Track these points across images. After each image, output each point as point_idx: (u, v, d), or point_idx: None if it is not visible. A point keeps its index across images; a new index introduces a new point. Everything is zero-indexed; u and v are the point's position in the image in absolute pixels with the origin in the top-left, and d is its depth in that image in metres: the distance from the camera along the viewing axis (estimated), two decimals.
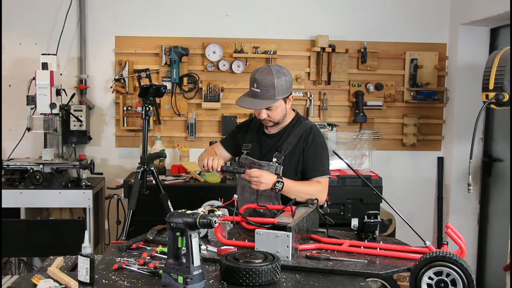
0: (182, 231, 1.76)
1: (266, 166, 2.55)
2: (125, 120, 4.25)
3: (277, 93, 2.46)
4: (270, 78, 2.44)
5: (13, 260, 4.03)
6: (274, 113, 2.52)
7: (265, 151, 2.62)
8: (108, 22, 4.22)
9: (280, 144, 2.58)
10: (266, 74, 2.45)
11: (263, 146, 2.64)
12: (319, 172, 2.55)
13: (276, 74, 2.46)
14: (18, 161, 3.80)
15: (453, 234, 2.03)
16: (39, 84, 3.63)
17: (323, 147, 2.61)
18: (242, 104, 2.53)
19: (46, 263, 2.14)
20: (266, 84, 2.44)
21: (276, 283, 1.83)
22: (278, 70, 2.48)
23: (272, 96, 2.46)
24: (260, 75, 2.46)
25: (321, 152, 2.59)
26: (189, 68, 4.25)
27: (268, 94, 2.45)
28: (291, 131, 2.60)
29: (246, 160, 2.64)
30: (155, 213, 3.47)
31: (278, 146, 2.58)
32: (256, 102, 2.47)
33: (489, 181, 4.24)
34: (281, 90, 2.47)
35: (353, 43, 4.32)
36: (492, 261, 4.20)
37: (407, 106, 4.41)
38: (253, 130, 2.71)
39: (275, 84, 2.44)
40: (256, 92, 2.47)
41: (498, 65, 2.73)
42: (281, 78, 2.47)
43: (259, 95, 2.46)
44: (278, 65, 2.54)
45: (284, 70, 2.52)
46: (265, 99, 2.46)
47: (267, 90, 2.45)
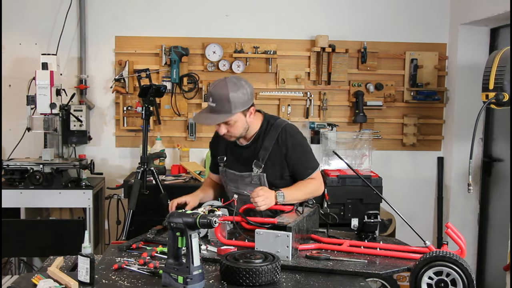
0: (182, 231, 1.76)
1: (249, 177, 2.52)
2: (125, 120, 4.25)
3: (234, 106, 2.33)
4: (225, 92, 2.32)
5: (13, 260, 4.03)
6: (233, 128, 2.41)
7: (243, 163, 2.55)
8: (108, 22, 4.22)
9: (257, 153, 2.51)
10: (221, 88, 2.34)
11: (239, 158, 2.56)
12: (310, 170, 2.53)
13: (231, 87, 2.33)
14: (18, 161, 3.80)
15: (453, 234, 2.03)
16: (39, 84, 3.63)
17: (303, 144, 2.56)
18: (198, 120, 2.51)
19: (46, 263, 2.14)
20: (221, 97, 2.33)
21: (276, 283, 1.83)
22: (235, 82, 2.36)
23: (228, 110, 2.33)
24: (215, 88, 2.36)
25: (304, 149, 2.55)
26: (189, 68, 4.25)
27: (224, 108, 2.33)
28: (264, 137, 2.51)
29: (226, 173, 2.60)
30: (155, 213, 3.47)
31: (255, 155, 2.51)
32: (212, 117, 2.37)
33: (489, 181, 4.24)
34: (239, 104, 2.34)
35: (353, 43, 4.32)
36: (492, 261, 4.20)
37: (407, 106, 4.41)
38: (224, 142, 2.59)
39: (230, 98, 2.32)
40: (212, 106, 2.36)
41: (498, 65, 2.73)
42: (238, 91, 2.34)
43: (215, 110, 2.35)
44: (235, 77, 2.41)
45: (242, 82, 2.39)
46: (221, 113, 2.34)
47: (222, 104, 2.33)
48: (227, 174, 2.60)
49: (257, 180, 2.50)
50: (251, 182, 2.52)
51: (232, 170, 2.58)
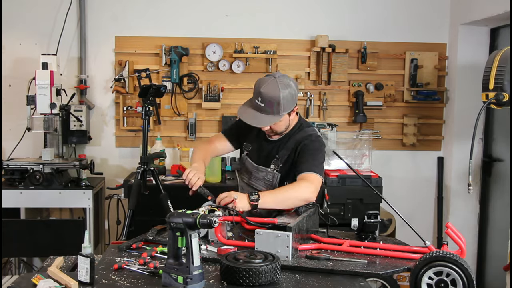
0: (182, 231, 1.76)
1: (264, 172, 2.52)
2: (125, 120, 4.25)
3: (282, 108, 2.34)
4: (276, 93, 2.30)
5: (13, 260, 4.03)
6: (277, 126, 2.43)
7: (264, 156, 2.54)
8: (108, 22, 4.22)
9: (279, 151, 2.49)
10: (272, 89, 2.31)
11: (262, 150, 2.56)
12: (306, 168, 2.37)
13: (282, 87, 2.32)
14: (18, 161, 3.80)
15: (453, 234, 2.03)
16: (39, 84, 3.63)
17: (318, 151, 2.45)
18: (245, 118, 2.40)
19: (46, 263, 2.14)
20: (272, 99, 2.31)
21: (276, 283, 1.83)
22: (285, 83, 2.34)
23: (277, 112, 2.34)
24: (266, 88, 2.32)
25: (314, 153, 2.43)
26: (189, 68, 4.25)
27: (272, 109, 2.33)
28: (292, 137, 2.51)
29: (246, 161, 2.61)
30: (155, 213, 3.47)
31: (276, 153, 2.50)
32: (260, 118, 2.35)
33: (489, 181, 4.24)
34: (287, 105, 2.34)
35: (353, 43, 4.32)
36: (492, 261, 4.20)
37: (407, 106, 4.41)
38: (254, 131, 2.58)
39: (281, 100, 2.31)
40: (260, 106, 2.33)
41: (498, 65, 2.73)
42: (286, 91, 2.33)
43: (263, 110, 2.33)
44: (284, 76, 2.38)
45: (290, 81, 2.37)
46: (269, 114, 2.33)
47: (272, 106, 2.32)
48: (245, 163, 2.59)
49: (271, 177, 2.50)
50: (264, 178, 2.52)
51: (251, 161, 2.57)
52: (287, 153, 2.49)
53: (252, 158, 2.58)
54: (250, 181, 2.58)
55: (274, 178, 2.49)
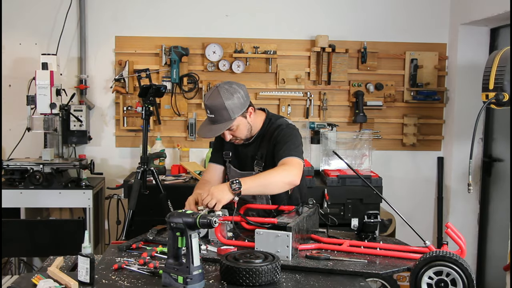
0: (182, 231, 1.76)
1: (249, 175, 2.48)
2: (125, 120, 4.25)
3: (232, 113, 2.38)
4: (220, 101, 2.36)
5: (13, 260, 4.03)
6: (237, 132, 2.46)
7: (244, 161, 2.57)
8: (108, 22, 4.22)
9: (257, 151, 2.52)
10: (215, 98, 2.37)
11: (241, 156, 2.59)
12: (285, 154, 2.38)
13: (224, 95, 2.36)
14: (18, 161, 3.80)
15: (453, 234, 2.03)
16: (39, 84, 3.63)
17: (291, 136, 2.46)
18: (202, 134, 2.49)
19: (46, 263, 2.14)
20: (218, 107, 2.36)
21: (276, 283, 1.83)
22: (227, 89, 2.39)
23: (228, 118, 2.38)
24: (209, 100, 2.39)
25: (288, 139, 2.44)
26: (189, 68, 4.25)
27: (223, 117, 2.38)
28: (265, 136, 2.53)
29: (231, 170, 2.61)
30: (155, 213, 3.47)
31: (255, 154, 2.52)
32: (214, 129, 2.41)
33: (489, 181, 4.24)
34: (235, 108, 2.38)
35: (353, 43, 4.32)
36: (492, 261, 4.20)
37: (407, 106, 4.41)
38: None
39: (226, 106, 2.36)
40: (211, 118, 2.41)
41: (498, 65, 2.73)
42: (232, 97, 2.37)
43: (215, 120, 2.40)
44: (226, 83, 2.43)
45: (233, 86, 2.42)
46: (222, 122, 2.39)
47: (220, 114, 2.37)
48: (230, 171, 2.62)
49: None
50: None
51: (234, 168, 2.60)
52: (265, 151, 2.50)
53: (235, 165, 2.61)
54: None
55: None
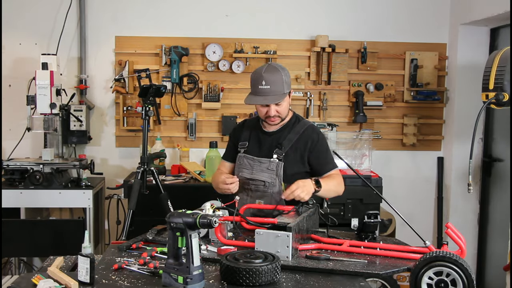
0: (182, 231, 1.76)
1: (267, 162, 2.58)
2: (125, 120, 4.25)
3: (285, 87, 2.54)
4: (278, 74, 2.51)
5: (13, 260, 4.03)
6: (281, 108, 2.57)
7: (265, 148, 2.64)
8: (108, 22, 4.22)
9: (281, 141, 2.61)
10: (273, 71, 2.52)
11: (263, 143, 2.66)
12: (331, 166, 2.65)
13: (281, 70, 2.54)
14: (18, 161, 3.80)
15: (453, 234, 2.03)
16: (39, 84, 3.63)
17: (326, 143, 2.71)
18: (255, 101, 2.55)
19: (46, 263, 2.14)
20: (275, 80, 2.50)
21: (276, 283, 1.83)
22: (281, 67, 2.57)
23: (282, 91, 2.52)
24: (267, 72, 2.51)
25: (327, 147, 2.68)
26: (189, 68, 4.25)
27: (278, 89, 2.51)
28: (291, 129, 2.64)
29: (244, 158, 2.64)
30: (155, 213, 3.47)
31: (278, 143, 2.60)
32: (269, 98, 2.51)
33: (489, 181, 4.24)
34: (287, 84, 2.55)
35: (353, 43, 4.32)
36: (492, 261, 4.20)
37: (407, 106, 4.41)
38: (249, 129, 2.73)
39: (283, 77, 2.52)
40: (265, 89, 2.50)
41: (498, 65, 2.73)
42: (286, 74, 2.56)
43: (270, 92, 2.50)
44: (275, 63, 2.62)
45: (282, 66, 2.61)
46: (276, 94, 2.51)
47: (276, 86, 2.50)
48: (244, 160, 2.65)
49: (274, 167, 2.56)
50: (267, 169, 2.57)
51: (251, 155, 2.64)
52: (290, 143, 2.60)
53: (253, 153, 2.65)
54: (252, 175, 2.61)
55: (278, 168, 2.56)
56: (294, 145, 2.60)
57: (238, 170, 2.67)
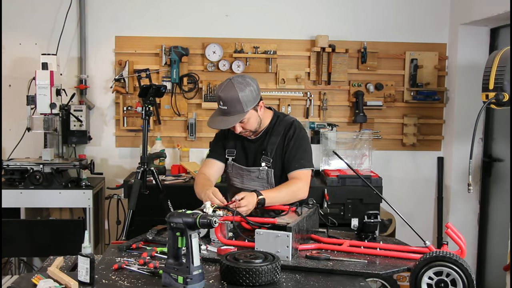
0: (182, 231, 1.76)
1: (256, 171, 2.54)
2: (125, 120, 4.25)
3: (245, 105, 2.42)
4: (234, 93, 2.40)
5: (13, 260, 4.03)
6: (248, 124, 2.49)
7: (251, 156, 2.59)
8: (108, 22, 4.22)
9: (265, 147, 2.54)
10: (229, 90, 2.41)
11: (248, 151, 2.60)
12: (298, 165, 2.50)
13: (238, 87, 2.41)
14: (18, 161, 3.80)
15: (453, 234, 2.03)
16: (39, 84, 3.63)
17: (304, 140, 2.56)
18: (213, 125, 2.50)
19: (46, 263, 2.14)
20: (232, 99, 2.40)
21: (276, 283, 1.83)
22: (240, 82, 2.43)
23: (241, 110, 2.42)
24: (224, 92, 2.42)
25: (301, 144, 2.53)
26: (189, 68, 4.25)
27: (236, 109, 2.41)
28: (273, 131, 2.57)
29: (233, 167, 2.62)
30: (155, 213, 3.47)
31: (263, 149, 2.54)
32: (227, 120, 2.44)
33: (489, 181, 4.24)
34: (248, 101, 2.43)
35: (353, 43, 4.32)
36: (492, 261, 4.20)
37: (407, 106, 4.41)
38: (233, 136, 2.62)
39: (240, 98, 2.40)
40: (224, 109, 2.43)
41: (498, 65, 2.72)
42: (245, 89, 2.42)
43: (228, 112, 2.43)
44: (240, 76, 2.48)
45: (247, 79, 2.46)
46: (234, 114, 2.42)
47: (234, 106, 2.40)
48: (234, 168, 2.62)
49: (264, 175, 2.53)
50: (258, 177, 2.54)
51: (239, 164, 2.59)
52: (274, 146, 2.53)
53: (240, 162, 2.60)
54: (243, 184, 2.59)
55: (269, 175, 2.53)
56: (278, 147, 2.54)
57: (229, 179, 2.65)
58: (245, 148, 2.61)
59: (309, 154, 2.56)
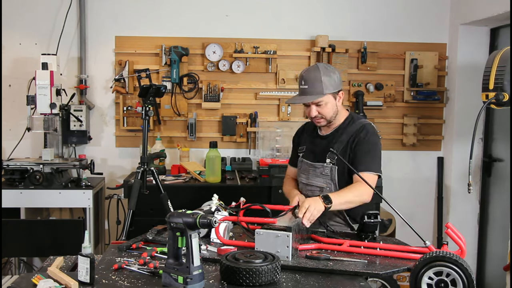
0: (182, 231, 1.76)
1: (321, 167, 2.56)
2: (125, 120, 4.25)
3: (325, 87, 2.48)
4: (317, 74, 2.49)
5: (13, 260, 4.03)
6: (324, 110, 2.52)
7: (319, 153, 2.60)
8: (108, 22, 4.22)
9: (333, 144, 2.55)
10: (312, 71, 2.51)
11: (317, 147, 2.63)
12: (363, 167, 2.47)
13: (322, 70, 2.50)
14: (18, 161, 3.80)
15: (453, 234, 2.03)
16: (39, 84, 3.63)
17: (374, 145, 2.54)
18: (292, 101, 2.60)
19: (46, 263, 2.14)
20: (314, 79, 2.49)
21: (276, 283, 1.83)
22: (325, 67, 2.53)
23: (320, 91, 2.48)
24: (307, 72, 2.53)
25: (371, 149, 2.52)
26: (189, 68, 4.25)
27: (316, 89, 2.48)
28: (344, 131, 2.57)
29: (302, 163, 2.66)
30: (155, 213, 3.47)
31: (331, 146, 2.55)
32: (304, 97, 2.52)
33: (489, 181, 4.24)
34: (329, 85, 2.49)
35: (353, 43, 4.32)
36: (492, 261, 4.20)
37: (407, 106, 4.41)
38: (307, 132, 2.75)
39: (322, 79, 2.48)
40: (304, 88, 2.51)
41: (498, 65, 2.72)
42: (328, 74, 2.50)
43: (307, 91, 2.50)
44: (326, 64, 2.59)
45: (331, 67, 2.56)
46: (312, 94, 2.49)
47: (314, 85, 2.48)
48: (302, 164, 2.67)
49: (328, 171, 2.54)
50: (322, 173, 2.56)
51: (307, 160, 2.64)
52: (342, 145, 2.54)
53: (308, 158, 2.65)
54: (308, 180, 2.62)
55: (332, 172, 2.53)
56: (346, 148, 2.53)
57: (298, 175, 2.70)
58: (315, 144, 2.66)
59: (378, 160, 2.54)
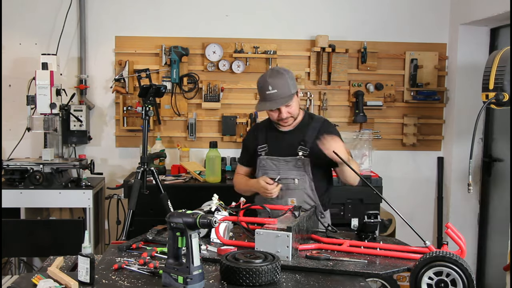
0: (182, 231, 1.76)
1: (293, 160, 2.64)
2: (125, 120, 4.25)
3: (291, 88, 2.60)
4: (282, 77, 2.59)
5: (13, 260, 4.03)
6: (292, 109, 2.63)
7: (286, 148, 2.68)
8: (108, 22, 4.22)
9: (302, 138, 2.66)
10: (277, 75, 2.60)
11: (283, 142, 2.71)
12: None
13: (284, 73, 2.62)
14: (18, 161, 3.80)
15: (453, 234, 2.03)
16: (39, 84, 3.63)
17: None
18: (264, 108, 2.63)
19: (46, 263, 2.14)
20: (281, 83, 2.57)
21: (276, 283, 1.83)
22: (284, 70, 2.66)
23: (289, 92, 2.59)
24: (271, 77, 2.59)
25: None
26: (189, 68, 4.25)
27: (285, 91, 2.58)
28: (307, 126, 2.70)
29: (266, 161, 2.70)
30: (155, 213, 3.47)
31: (301, 140, 2.65)
32: (278, 102, 2.58)
33: (489, 181, 4.24)
34: (292, 86, 2.62)
35: (353, 43, 4.32)
36: (492, 261, 4.20)
37: (407, 106, 4.41)
38: (263, 132, 2.78)
39: (288, 80, 2.59)
40: (273, 93, 2.57)
41: (498, 65, 2.73)
42: (289, 75, 2.63)
43: (277, 95, 2.57)
44: (279, 67, 2.68)
45: (287, 69, 2.69)
46: (283, 97, 2.58)
47: (283, 88, 2.57)
48: (267, 162, 2.70)
49: (301, 163, 2.63)
50: (294, 166, 2.64)
51: (274, 156, 2.69)
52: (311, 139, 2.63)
53: (274, 153, 2.70)
54: (280, 175, 2.66)
55: (305, 164, 2.63)
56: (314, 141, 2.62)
57: (263, 173, 2.71)
58: (280, 140, 2.72)
59: None
